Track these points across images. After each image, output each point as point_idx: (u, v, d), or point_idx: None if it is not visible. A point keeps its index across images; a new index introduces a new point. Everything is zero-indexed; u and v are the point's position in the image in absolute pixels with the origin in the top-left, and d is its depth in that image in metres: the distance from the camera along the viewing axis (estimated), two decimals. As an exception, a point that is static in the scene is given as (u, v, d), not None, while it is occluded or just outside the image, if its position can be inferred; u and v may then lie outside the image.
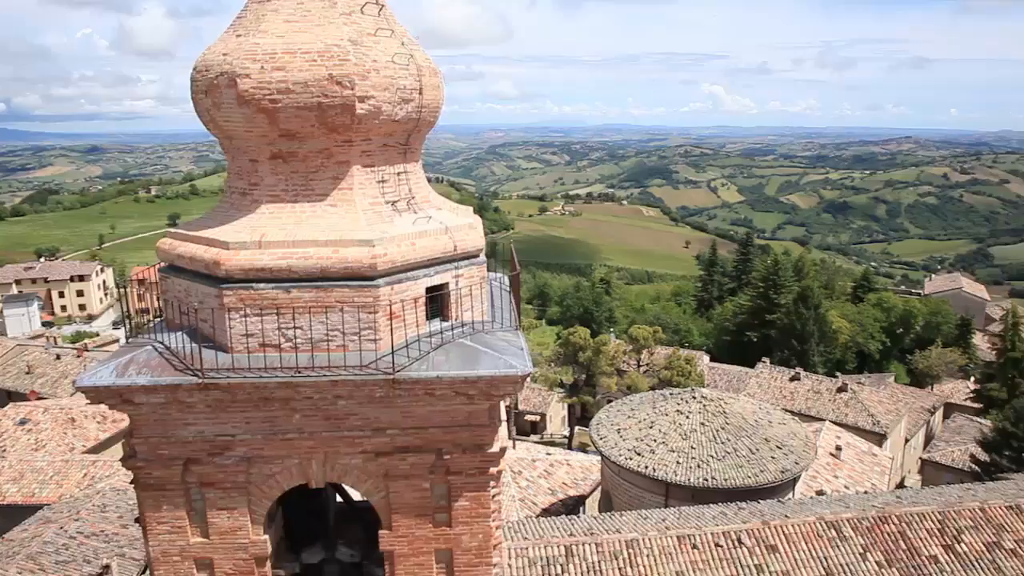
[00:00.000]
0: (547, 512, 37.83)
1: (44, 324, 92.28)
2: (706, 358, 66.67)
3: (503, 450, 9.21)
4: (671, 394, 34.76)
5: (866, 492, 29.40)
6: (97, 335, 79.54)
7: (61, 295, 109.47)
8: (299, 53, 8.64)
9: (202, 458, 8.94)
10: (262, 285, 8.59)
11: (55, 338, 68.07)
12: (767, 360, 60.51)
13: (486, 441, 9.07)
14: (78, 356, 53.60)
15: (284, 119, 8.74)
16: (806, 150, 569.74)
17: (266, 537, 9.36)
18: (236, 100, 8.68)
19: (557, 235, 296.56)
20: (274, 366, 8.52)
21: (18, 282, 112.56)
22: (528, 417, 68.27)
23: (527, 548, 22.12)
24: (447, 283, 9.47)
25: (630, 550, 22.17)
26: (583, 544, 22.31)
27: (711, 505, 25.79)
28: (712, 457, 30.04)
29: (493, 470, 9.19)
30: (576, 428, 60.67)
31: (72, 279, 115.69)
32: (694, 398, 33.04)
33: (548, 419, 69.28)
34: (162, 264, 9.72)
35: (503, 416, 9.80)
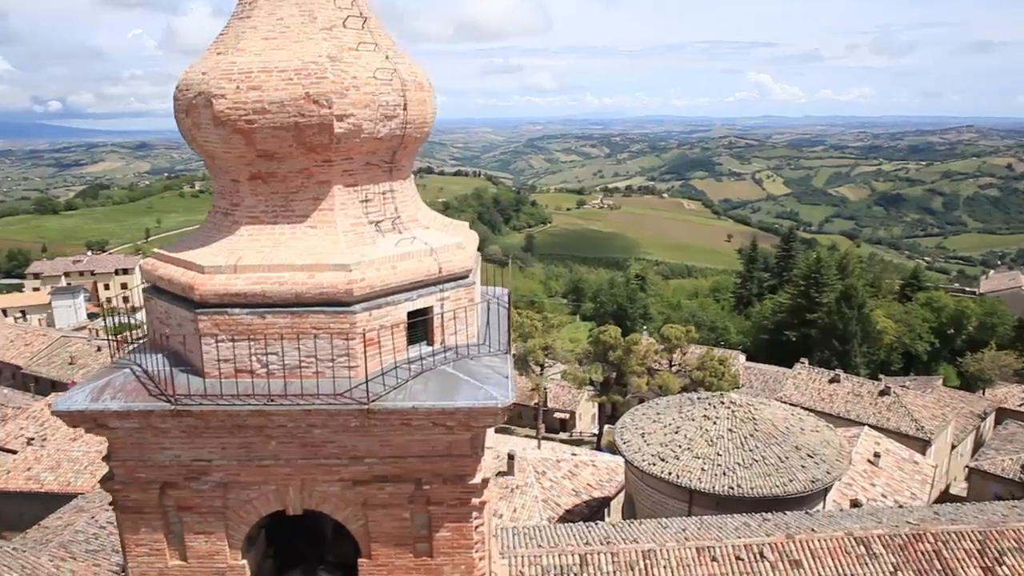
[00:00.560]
0: (570, 513, 37.54)
1: (89, 316, 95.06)
2: (742, 358, 65.33)
3: (486, 481, 8.89)
4: (699, 399, 34.02)
5: (901, 506, 28.31)
6: (140, 327, 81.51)
7: (107, 287, 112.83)
8: (275, 71, 8.40)
9: (179, 482, 8.83)
10: (237, 310, 8.40)
11: (97, 330, 69.95)
12: (805, 361, 58.95)
13: (467, 472, 8.76)
14: (118, 348, 54.90)
15: (261, 140, 8.52)
16: (858, 140, 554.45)
17: (244, 562, 9.22)
18: (212, 121, 8.49)
19: (595, 228, 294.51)
20: (247, 393, 8.33)
21: (67, 274, 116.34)
22: (557, 415, 67.91)
23: (540, 556, 21.84)
24: (431, 307, 9.16)
25: (647, 560, 21.73)
26: (598, 553, 21.95)
27: (735, 515, 25.14)
28: (739, 465, 29.28)
29: (475, 501, 8.88)
30: (606, 427, 60.12)
31: (117, 272, 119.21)
32: (722, 403, 32.28)
33: (578, 417, 68.82)
34: (146, 284, 9.63)
35: (488, 443, 9.48)
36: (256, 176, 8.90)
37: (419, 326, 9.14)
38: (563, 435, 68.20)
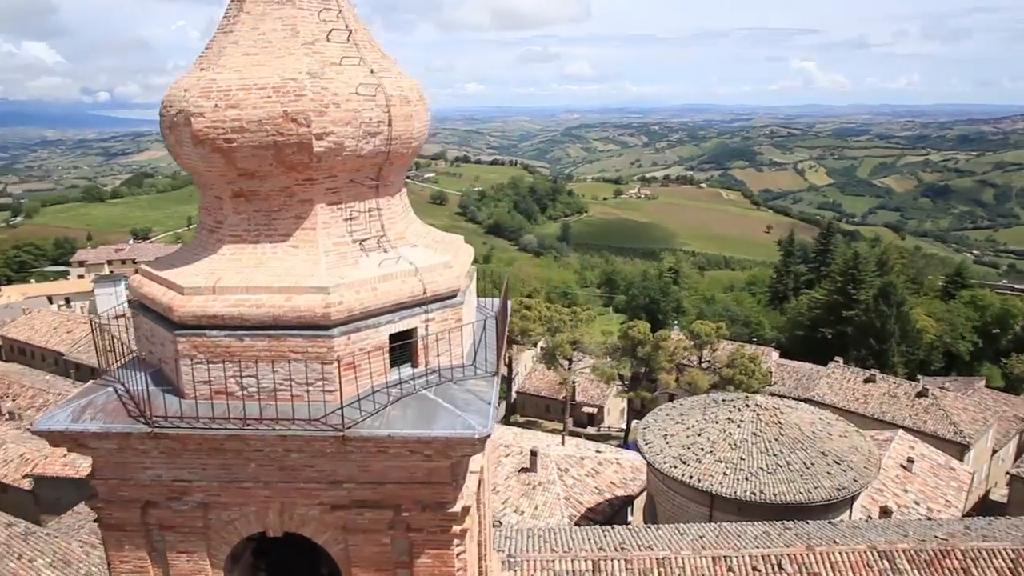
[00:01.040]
0: (592, 512, 37.29)
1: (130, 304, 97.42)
2: (775, 354, 64.06)
3: (467, 509, 8.67)
4: (723, 400, 33.41)
5: (931, 518, 27.39)
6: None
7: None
8: (254, 89, 8.23)
9: (160, 502, 8.79)
10: (215, 332, 8.30)
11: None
12: (840, 360, 57.55)
13: (448, 499, 8.54)
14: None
15: (241, 158, 8.38)
16: (905, 130, 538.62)
17: (227, 582, 9.18)
18: (191, 139, 8.39)
19: (632, 218, 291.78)
20: (223, 415, 8.23)
21: (109, 262, 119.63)
22: (585, 409, 67.53)
23: (553, 561, 21.68)
24: (415, 328, 8.95)
25: (661, 568, 21.43)
26: (612, 560, 21.72)
27: (755, 523, 24.67)
28: (762, 470, 28.70)
29: (456, 528, 8.68)
30: (634, 422, 59.59)
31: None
32: (747, 406, 31.64)
33: (606, 411, 68.35)
34: (133, 300, 9.61)
35: (474, 467, 9.26)
36: (238, 194, 8.77)
37: (403, 348, 8.94)
38: (591, 429, 67.84)
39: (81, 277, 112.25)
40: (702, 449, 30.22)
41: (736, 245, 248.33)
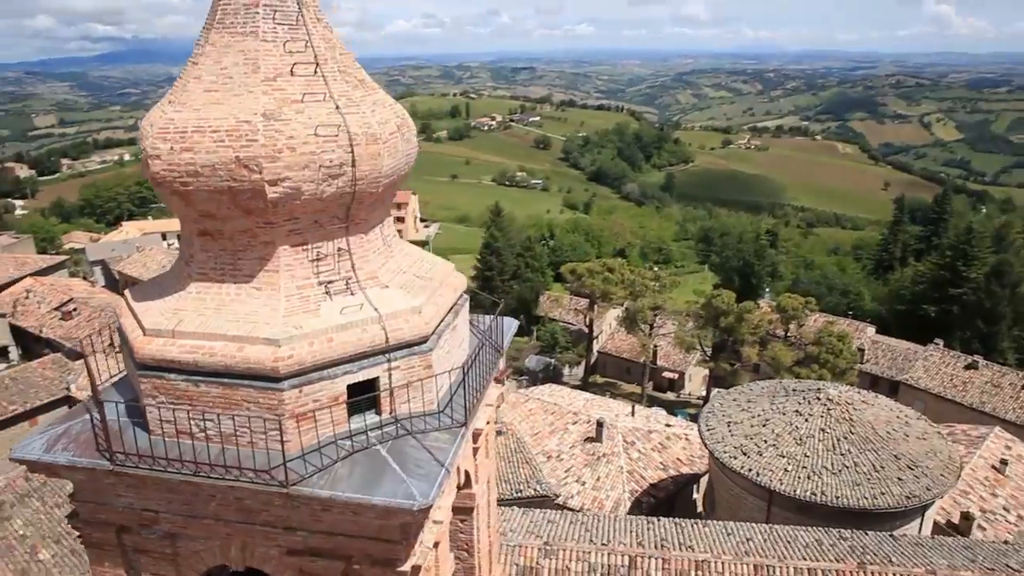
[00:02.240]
0: (655, 488, 36.88)
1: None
2: (871, 330, 60.33)
3: (417, 568, 8.45)
4: (794, 391, 31.74)
5: (1007, 542, 25.31)
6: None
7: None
8: (208, 131, 7.97)
9: (133, 527, 9.08)
10: (173, 376, 8.33)
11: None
12: (941, 342, 53.50)
13: (398, 558, 8.35)
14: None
15: (199, 201, 8.22)
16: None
17: (199, 604, 9.45)
18: (152, 180, 8.29)
19: (740, 170, 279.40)
20: (181, 457, 8.31)
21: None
22: (666, 374, 66.38)
23: (590, 553, 21.53)
24: (376, 378, 8.67)
25: (698, 572, 20.88)
26: (649, 557, 21.34)
27: (810, 528, 23.53)
28: (826, 469, 27.27)
29: (409, 584, 8.51)
30: (714, 391, 58.03)
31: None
32: (818, 399, 29.95)
33: (687, 378, 66.96)
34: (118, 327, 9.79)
35: (439, 517, 9.01)
36: (204, 233, 8.66)
37: (364, 393, 8.70)
38: (671, 395, 66.82)
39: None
40: (765, 441, 28.99)
41: (849, 202, 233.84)
